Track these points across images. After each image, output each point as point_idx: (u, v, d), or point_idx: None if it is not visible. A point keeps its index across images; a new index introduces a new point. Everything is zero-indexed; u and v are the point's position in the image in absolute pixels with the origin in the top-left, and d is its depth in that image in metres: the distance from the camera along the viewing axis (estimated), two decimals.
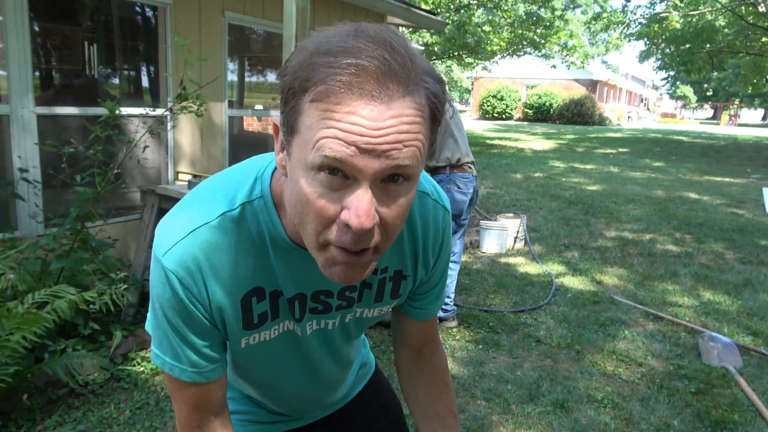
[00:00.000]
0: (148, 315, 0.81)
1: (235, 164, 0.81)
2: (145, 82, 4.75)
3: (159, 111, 3.38)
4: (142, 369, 2.71)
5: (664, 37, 19.64)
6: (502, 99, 31.09)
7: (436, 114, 0.62)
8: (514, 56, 18.11)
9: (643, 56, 23.96)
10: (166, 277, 0.72)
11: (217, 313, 0.76)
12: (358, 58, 0.55)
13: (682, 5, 18.42)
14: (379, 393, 1.18)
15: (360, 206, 0.58)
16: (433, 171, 3.24)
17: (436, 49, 15.81)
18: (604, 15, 19.66)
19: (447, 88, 0.64)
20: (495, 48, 15.99)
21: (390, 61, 0.56)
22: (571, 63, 17.37)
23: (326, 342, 0.90)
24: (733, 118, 44.33)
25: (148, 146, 3.30)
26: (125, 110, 3.42)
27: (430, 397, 1.02)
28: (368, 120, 0.55)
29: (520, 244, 5.29)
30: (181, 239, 0.71)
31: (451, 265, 3.34)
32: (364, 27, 0.58)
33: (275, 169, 0.76)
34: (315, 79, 0.56)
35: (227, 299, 0.75)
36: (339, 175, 0.58)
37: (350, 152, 0.56)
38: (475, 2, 14.65)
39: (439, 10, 13.37)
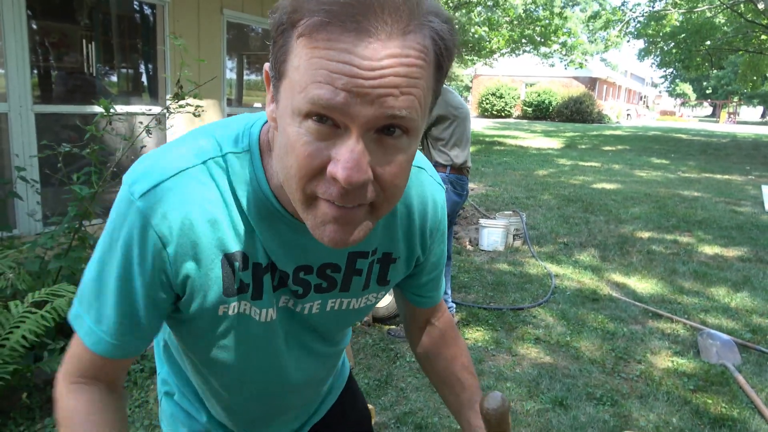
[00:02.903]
0: (90, 261, 0.68)
1: (226, 118, 0.73)
2: (143, 80, 4.75)
3: (156, 109, 3.38)
4: (141, 367, 2.71)
5: (662, 33, 19.62)
6: (501, 97, 31.10)
7: (441, 61, 0.54)
8: (513, 55, 18.12)
9: (642, 54, 23.94)
10: (140, 221, 0.63)
11: (186, 277, 0.66)
12: None
13: (682, 2, 18.40)
14: (354, 406, 1.10)
15: (349, 158, 0.51)
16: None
17: None
18: (603, 13, 19.63)
19: (456, 30, 0.55)
20: (494, 46, 15.99)
21: None
22: (570, 62, 17.37)
23: (296, 332, 0.80)
24: (732, 115, 44.35)
25: (145, 146, 3.29)
26: (122, 108, 3.41)
27: (446, 360, 0.96)
28: (361, 59, 0.49)
29: (519, 242, 5.29)
30: (166, 179, 0.63)
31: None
32: None
33: (265, 123, 0.69)
34: (304, 9, 0.50)
35: (206, 259, 0.66)
36: (328, 123, 0.52)
37: (340, 98, 0.49)
38: (475, 0, 14.64)
39: None
